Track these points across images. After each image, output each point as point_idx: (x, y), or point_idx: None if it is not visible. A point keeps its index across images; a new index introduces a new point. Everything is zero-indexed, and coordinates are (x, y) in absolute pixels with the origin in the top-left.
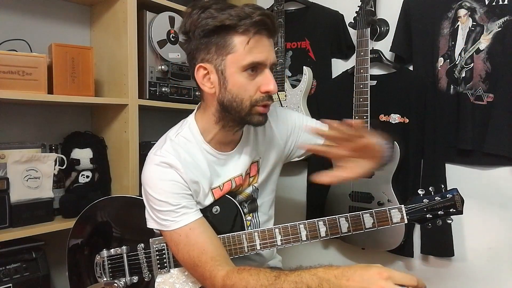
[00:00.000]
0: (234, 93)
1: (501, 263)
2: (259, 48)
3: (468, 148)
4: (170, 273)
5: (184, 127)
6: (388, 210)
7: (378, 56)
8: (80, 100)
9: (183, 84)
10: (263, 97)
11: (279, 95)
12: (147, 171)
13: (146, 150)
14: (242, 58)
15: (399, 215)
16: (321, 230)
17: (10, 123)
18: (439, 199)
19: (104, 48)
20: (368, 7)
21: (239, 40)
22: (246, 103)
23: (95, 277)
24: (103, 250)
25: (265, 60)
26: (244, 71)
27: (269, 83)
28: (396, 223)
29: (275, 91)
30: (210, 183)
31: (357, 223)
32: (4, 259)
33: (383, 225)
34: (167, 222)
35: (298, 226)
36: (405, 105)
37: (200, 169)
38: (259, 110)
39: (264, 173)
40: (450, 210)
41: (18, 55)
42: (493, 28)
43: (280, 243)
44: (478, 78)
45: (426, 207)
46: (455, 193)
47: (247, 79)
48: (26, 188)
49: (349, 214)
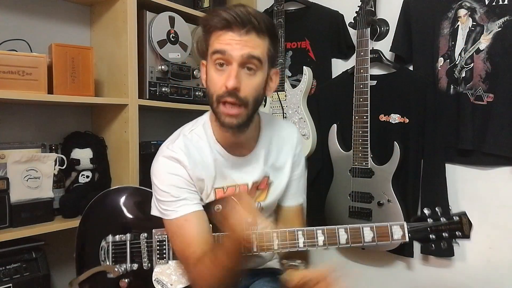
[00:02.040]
0: (208, 88)
1: (501, 263)
2: (224, 39)
3: (468, 148)
4: (168, 264)
5: (198, 124)
6: (389, 225)
7: (378, 56)
8: (80, 100)
9: (183, 84)
10: (224, 92)
11: (279, 95)
12: (156, 162)
13: (146, 150)
14: (211, 49)
15: (401, 232)
16: (319, 239)
17: (10, 123)
18: (445, 220)
19: (104, 48)
20: (368, 7)
21: (213, 36)
22: (214, 99)
23: (99, 260)
24: (109, 235)
25: (227, 49)
26: (214, 64)
27: (228, 77)
28: (397, 240)
29: (230, 85)
30: (213, 182)
31: (356, 235)
32: (4, 259)
33: (383, 241)
34: (167, 211)
35: (296, 232)
36: (405, 105)
37: (207, 167)
38: (224, 110)
39: (273, 196)
40: (455, 233)
41: (18, 55)
42: (493, 28)
43: (277, 247)
44: (478, 78)
45: (430, 227)
46: (463, 216)
47: (215, 73)
48: (26, 188)
49: (349, 226)
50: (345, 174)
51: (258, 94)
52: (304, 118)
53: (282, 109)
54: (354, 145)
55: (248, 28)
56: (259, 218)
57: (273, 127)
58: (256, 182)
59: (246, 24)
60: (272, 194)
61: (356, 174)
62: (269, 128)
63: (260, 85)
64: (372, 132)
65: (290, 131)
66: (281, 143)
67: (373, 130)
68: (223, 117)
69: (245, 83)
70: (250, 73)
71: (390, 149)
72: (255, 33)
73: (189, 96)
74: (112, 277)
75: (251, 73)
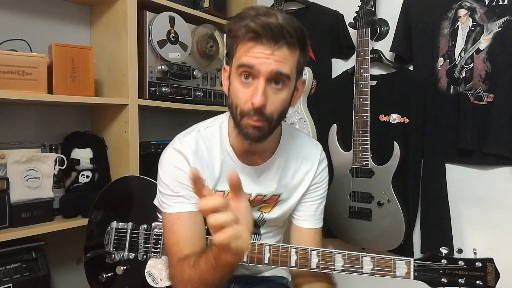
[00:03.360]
0: (231, 98)
1: (501, 263)
2: (253, 53)
3: (468, 148)
4: (161, 259)
5: (216, 123)
6: (393, 260)
7: (378, 56)
8: (80, 100)
9: (183, 84)
10: (250, 110)
11: None
12: (166, 152)
13: (146, 150)
14: (237, 60)
15: (405, 269)
16: (313, 261)
17: (10, 123)
18: (462, 264)
19: (104, 48)
20: (368, 7)
21: (240, 45)
22: (237, 111)
23: (103, 243)
24: (114, 221)
25: (255, 64)
26: (239, 75)
27: (254, 94)
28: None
29: (257, 104)
30: (215, 184)
31: (353, 264)
32: (4, 259)
33: (383, 275)
34: (165, 204)
35: (290, 249)
36: (405, 105)
37: (212, 168)
38: (247, 122)
39: (280, 211)
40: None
41: (18, 55)
42: (493, 28)
43: (267, 261)
44: (478, 78)
45: (443, 269)
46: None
47: (240, 86)
48: (26, 188)
49: (347, 253)
50: (345, 174)
51: (284, 109)
52: (304, 118)
53: None
54: (354, 145)
55: (280, 43)
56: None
57: (294, 140)
58: (262, 196)
59: (279, 39)
60: (279, 209)
61: (356, 174)
62: (290, 141)
63: (287, 100)
64: (372, 132)
65: (313, 147)
66: (300, 159)
67: (373, 130)
68: (247, 129)
69: (271, 100)
70: (278, 88)
71: (390, 149)
72: (286, 47)
73: (189, 96)
74: (110, 262)
75: (279, 88)
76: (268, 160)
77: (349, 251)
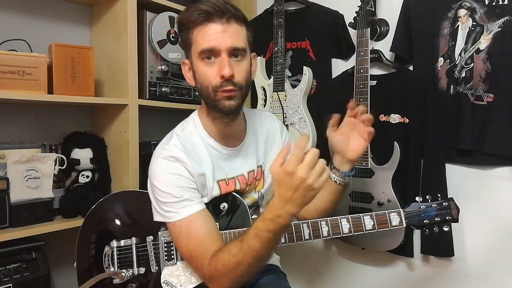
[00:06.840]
0: (200, 82)
1: (501, 263)
2: (209, 35)
3: (468, 148)
4: (176, 265)
5: (189, 122)
6: (387, 213)
7: (378, 56)
8: (80, 100)
9: (183, 84)
10: (221, 82)
11: (279, 95)
12: (154, 165)
13: (146, 150)
14: (197, 48)
15: (398, 219)
16: (323, 230)
17: (10, 123)
18: (436, 206)
19: (104, 48)
20: (368, 7)
21: (195, 32)
22: (209, 90)
23: (103, 267)
24: (113, 240)
25: (215, 45)
26: (202, 59)
27: (222, 67)
28: (395, 226)
29: (226, 74)
30: (214, 174)
31: (357, 224)
32: (4, 259)
33: (383, 228)
34: (170, 213)
35: (301, 225)
36: (405, 105)
37: (205, 161)
38: (223, 95)
39: (269, 179)
40: (446, 217)
41: (18, 55)
42: (493, 28)
43: (283, 240)
44: (478, 78)
45: (423, 212)
46: (451, 201)
47: (206, 67)
48: (26, 188)
49: (350, 216)
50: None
51: (248, 77)
52: (304, 118)
53: (282, 109)
54: None
55: (228, 16)
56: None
57: (255, 115)
58: (252, 172)
59: (226, 12)
60: (267, 178)
61: (356, 174)
62: (252, 117)
63: (248, 68)
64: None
65: (269, 119)
66: (265, 130)
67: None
68: (222, 103)
69: (236, 69)
70: (238, 60)
71: (390, 149)
72: (234, 21)
73: (189, 96)
74: (119, 282)
75: (239, 60)
76: (244, 139)
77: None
